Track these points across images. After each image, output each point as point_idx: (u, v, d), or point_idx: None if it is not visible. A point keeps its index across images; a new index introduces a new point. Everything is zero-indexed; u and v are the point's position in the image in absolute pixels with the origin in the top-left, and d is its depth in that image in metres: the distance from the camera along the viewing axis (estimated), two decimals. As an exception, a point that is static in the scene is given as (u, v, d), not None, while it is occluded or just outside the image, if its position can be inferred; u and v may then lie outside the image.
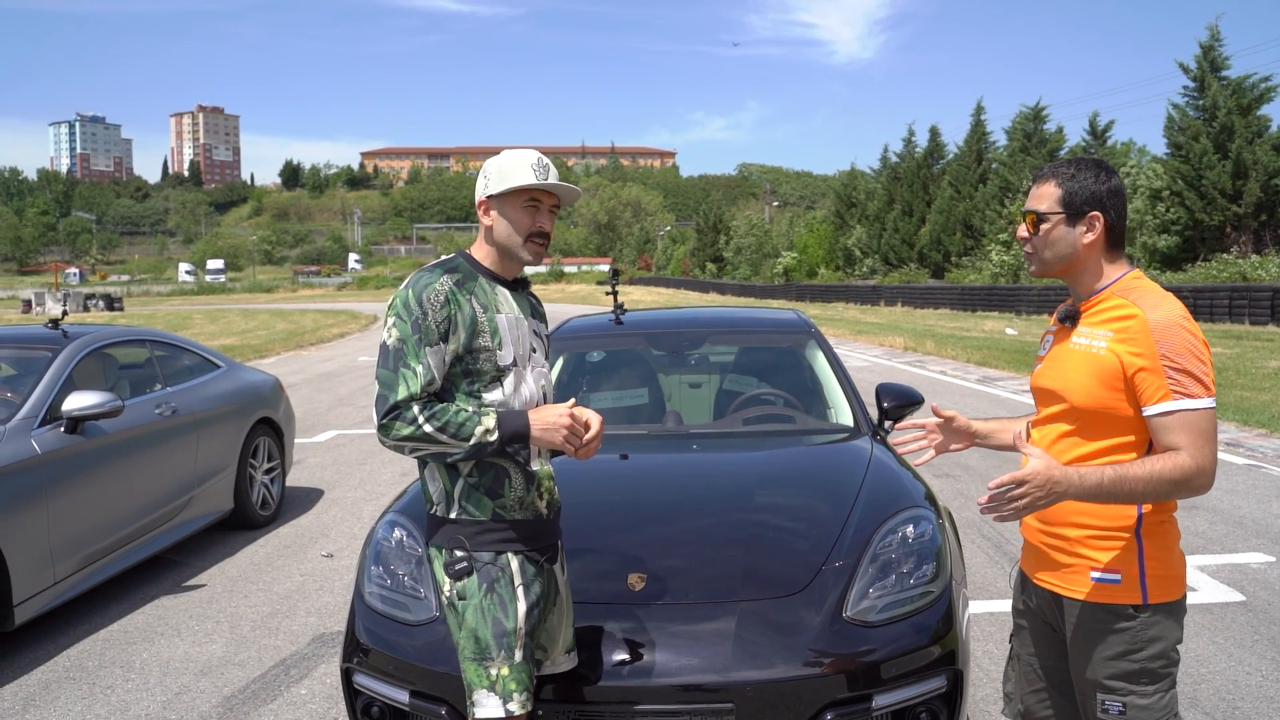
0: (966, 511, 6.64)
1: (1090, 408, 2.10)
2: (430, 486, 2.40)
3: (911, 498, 3.31)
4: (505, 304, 2.39)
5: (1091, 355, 2.10)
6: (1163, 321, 2.02)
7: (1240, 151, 31.67)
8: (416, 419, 2.21)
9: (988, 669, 4.07)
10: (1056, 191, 2.16)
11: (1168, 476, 1.99)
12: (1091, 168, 2.16)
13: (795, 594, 2.80)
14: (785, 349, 4.86)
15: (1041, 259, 2.21)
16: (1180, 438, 2.00)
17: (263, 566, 5.85)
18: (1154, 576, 2.10)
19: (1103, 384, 2.08)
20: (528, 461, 2.37)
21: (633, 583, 2.83)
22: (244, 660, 4.40)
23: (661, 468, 3.76)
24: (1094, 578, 2.13)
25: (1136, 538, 2.11)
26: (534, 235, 2.37)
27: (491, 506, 2.34)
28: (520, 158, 2.35)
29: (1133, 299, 2.09)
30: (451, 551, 2.34)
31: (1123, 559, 2.11)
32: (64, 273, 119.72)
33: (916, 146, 52.77)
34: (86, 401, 4.90)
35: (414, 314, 2.25)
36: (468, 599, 2.32)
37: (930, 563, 2.96)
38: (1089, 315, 2.17)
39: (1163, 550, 2.12)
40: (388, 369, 2.25)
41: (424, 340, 2.24)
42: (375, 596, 3.03)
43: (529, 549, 2.38)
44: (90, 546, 4.96)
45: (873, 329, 25.65)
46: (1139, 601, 2.10)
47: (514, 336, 2.37)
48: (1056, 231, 2.16)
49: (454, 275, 2.33)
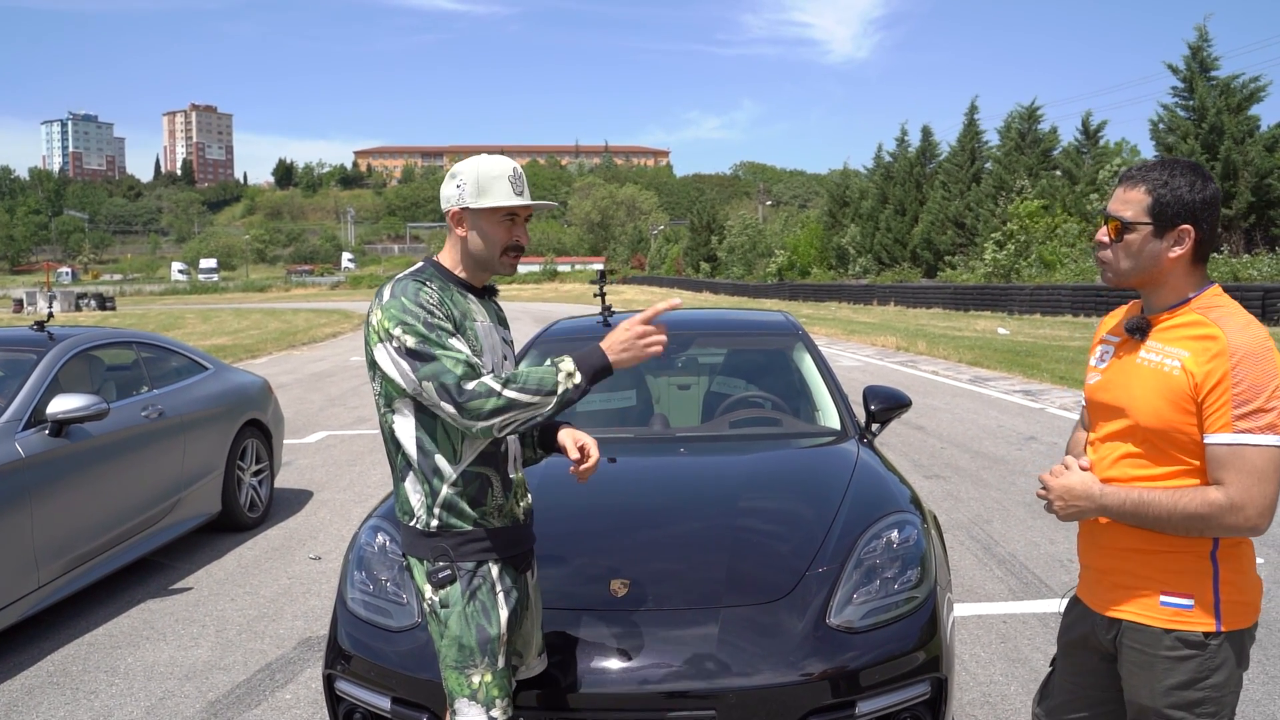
0: (957, 513, 6.64)
1: (1156, 428, 1.97)
2: (411, 498, 2.34)
3: (896, 502, 3.31)
4: (477, 313, 2.36)
5: (1162, 374, 1.96)
6: (1245, 348, 1.88)
7: (1230, 153, 31.74)
8: (493, 389, 2.11)
9: (975, 672, 4.07)
10: (1146, 199, 1.98)
11: (1193, 511, 1.89)
12: (1187, 174, 1.97)
13: (779, 600, 2.79)
14: (772, 351, 4.85)
15: (1119, 269, 2.04)
16: (1229, 474, 1.88)
17: (250, 569, 5.82)
18: (1229, 602, 1.96)
19: (1172, 405, 1.94)
20: (506, 474, 2.36)
21: (615, 589, 2.82)
22: (229, 664, 4.37)
23: (646, 471, 3.75)
24: (1163, 602, 1.99)
25: (1212, 560, 1.96)
26: (510, 249, 2.35)
27: (474, 516, 2.31)
28: (497, 169, 2.30)
29: (1214, 318, 1.95)
30: (435, 560, 2.31)
31: (1195, 582, 1.96)
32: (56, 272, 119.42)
33: (909, 145, 52.84)
34: (71, 404, 4.87)
35: (420, 316, 2.18)
36: (451, 606, 2.29)
37: (914, 568, 2.95)
38: (1162, 330, 2.02)
39: (1238, 574, 1.99)
40: (428, 361, 2.14)
41: (443, 335, 2.16)
42: (358, 602, 3.02)
43: (509, 556, 2.37)
44: (75, 550, 4.94)
45: (865, 328, 25.66)
46: (1212, 628, 1.95)
47: (489, 345, 2.34)
48: (1142, 243, 1.99)
49: (434, 282, 2.29)
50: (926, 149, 51.69)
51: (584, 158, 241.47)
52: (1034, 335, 22.11)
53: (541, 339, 4.92)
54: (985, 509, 6.71)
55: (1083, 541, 2.21)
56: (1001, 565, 5.48)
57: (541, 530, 3.12)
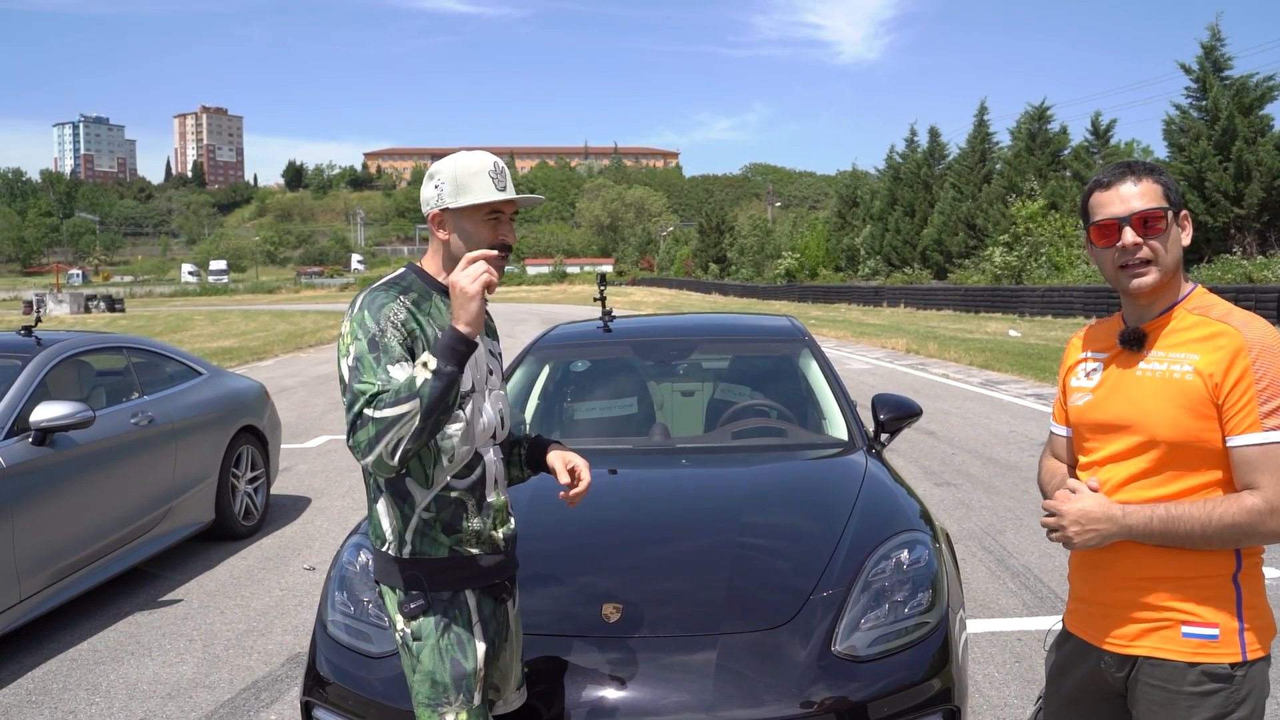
0: (969, 522, 6.46)
1: (1177, 440, 1.83)
2: (383, 523, 2.19)
3: (907, 519, 3.14)
4: None
5: (1173, 381, 1.83)
6: (1260, 341, 1.79)
7: (1242, 153, 31.42)
8: (366, 414, 1.95)
9: (988, 694, 3.89)
10: (1157, 187, 1.88)
11: (1230, 520, 1.76)
12: (1157, 165, 1.94)
13: (781, 626, 2.62)
14: (778, 357, 4.68)
15: (1162, 267, 1.87)
16: (1263, 476, 1.75)
17: (242, 580, 5.68)
18: (1253, 628, 1.84)
19: (1190, 413, 1.81)
20: (483, 497, 2.20)
21: (608, 613, 2.66)
22: (214, 682, 4.22)
23: (644, 485, 3.58)
24: (1185, 633, 1.84)
25: (1234, 584, 1.83)
26: (496, 249, 2.17)
27: (448, 543, 2.15)
28: (476, 164, 2.15)
29: (1217, 316, 1.85)
30: (407, 590, 2.15)
31: (1219, 610, 1.83)
32: (67, 274, 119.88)
33: (918, 147, 52.55)
34: (55, 412, 4.74)
35: (370, 331, 2.03)
36: (424, 639, 2.14)
37: (925, 590, 2.78)
38: (1162, 337, 1.90)
39: (1258, 596, 1.87)
40: (350, 393, 2.03)
41: (384, 356, 2.01)
42: (338, 625, 2.87)
43: (487, 585, 2.21)
44: (60, 561, 4.80)
45: (875, 331, 25.45)
46: (1238, 659, 1.82)
47: (471, 360, 2.14)
48: (1173, 232, 1.88)
49: (409, 295, 2.12)
50: (935, 150, 51.40)
51: (593, 159, 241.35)
52: (1045, 338, 21.86)
53: (539, 345, 4.76)
54: (998, 518, 6.52)
55: (1084, 574, 2.03)
56: (1015, 578, 5.29)
57: (530, 549, 2.96)
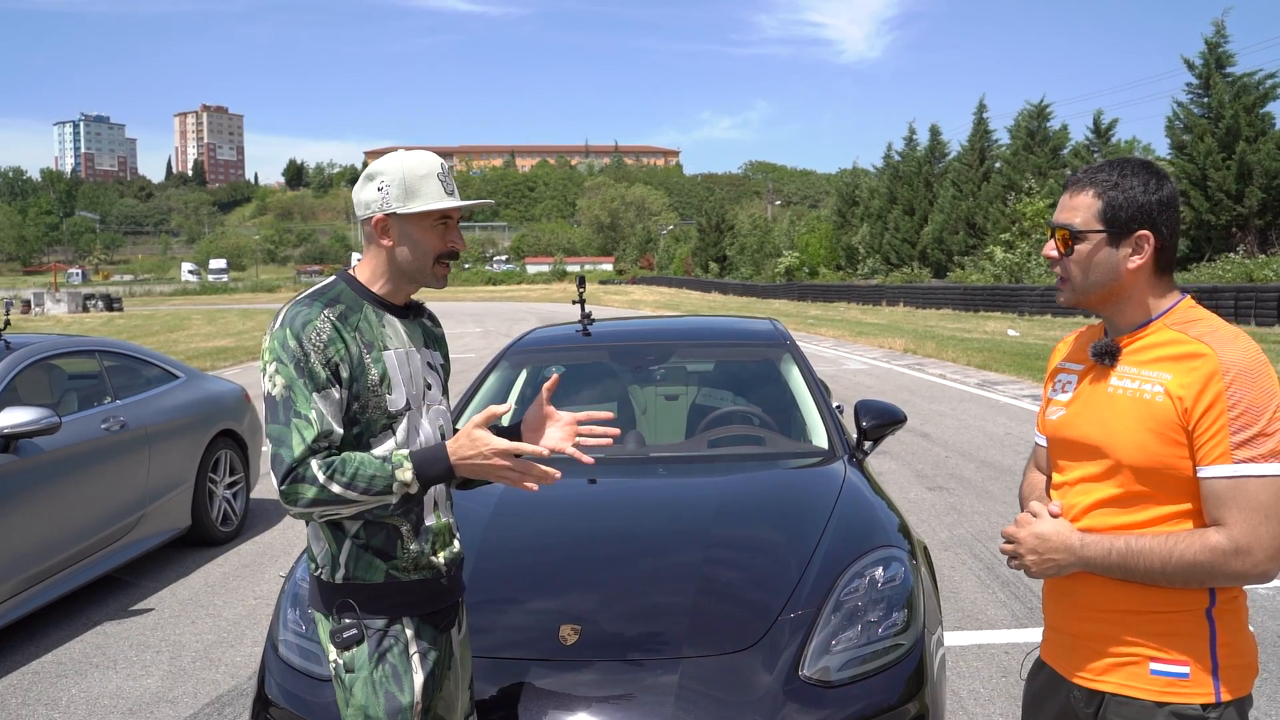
0: (960, 528, 6.34)
1: (1144, 466, 1.71)
2: (314, 546, 2.07)
3: (884, 534, 3.01)
4: (394, 337, 2.06)
5: (1143, 402, 1.71)
6: (1238, 364, 1.64)
7: (1244, 153, 31.26)
8: (318, 478, 1.86)
9: (972, 710, 3.77)
10: (1096, 203, 1.74)
11: (1191, 559, 1.64)
12: (1139, 173, 1.74)
13: (747, 649, 2.50)
14: (758, 362, 4.55)
15: (1075, 286, 1.79)
16: (1230, 513, 1.63)
17: (216, 588, 5.56)
18: (1228, 667, 1.71)
19: (1158, 437, 1.68)
20: (420, 520, 2.07)
21: (565, 635, 2.53)
22: (177, 697, 4.11)
23: (612, 497, 3.45)
24: (1154, 671, 1.72)
25: (1208, 619, 1.71)
26: (444, 256, 2.06)
27: (384, 569, 2.02)
28: (424, 166, 2.01)
29: (1195, 334, 1.71)
30: (340, 617, 2.02)
31: (1191, 647, 1.71)
32: (67, 273, 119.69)
33: (918, 145, 52.41)
34: (18, 418, 4.62)
35: (296, 356, 1.91)
36: (356, 671, 2.00)
37: (900, 610, 2.66)
38: (1135, 352, 1.77)
39: (1236, 634, 1.73)
40: (279, 423, 1.90)
41: (311, 385, 1.90)
42: (289, 646, 2.74)
43: (426, 613, 2.07)
44: (25, 571, 4.68)
45: (873, 330, 25.30)
46: (1211, 699, 1.69)
47: (405, 375, 2.05)
48: (1096, 254, 1.75)
49: (335, 308, 1.98)
50: (935, 148, 51.25)
51: (594, 158, 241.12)
52: (1045, 337, 21.71)
53: (514, 349, 4.64)
54: (990, 524, 6.40)
55: (1052, 601, 1.92)
56: (1005, 588, 5.17)
57: (488, 566, 2.86)
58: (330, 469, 1.87)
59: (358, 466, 1.88)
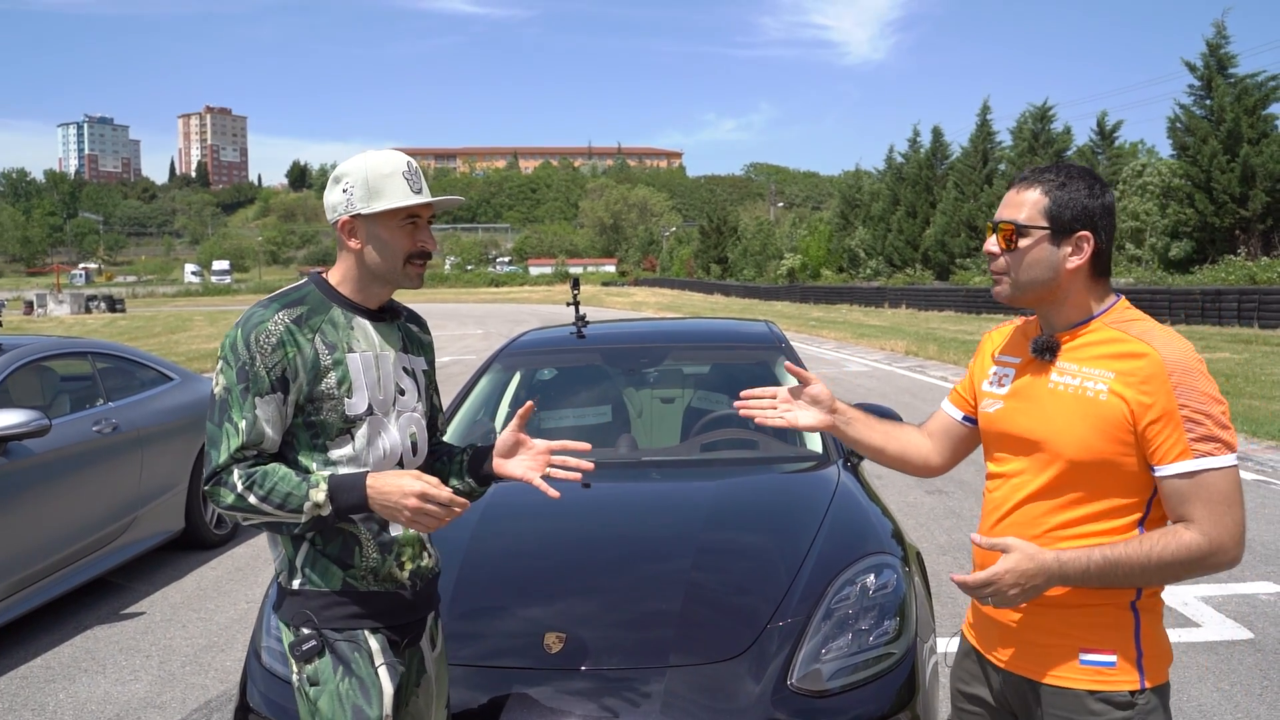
0: (958, 532, 6.29)
1: (1085, 461, 1.74)
2: (272, 551, 2.04)
3: (876, 540, 2.97)
4: (363, 340, 2.00)
5: (1087, 400, 1.74)
6: (1180, 363, 1.68)
7: (1247, 155, 31.17)
8: (236, 486, 1.85)
9: (969, 718, 3.71)
10: (1042, 200, 1.79)
11: (1172, 559, 1.68)
12: (1084, 178, 1.80)
13: (735, 657, 2.45)
14: (752, 365, 4.50)
15: (1015, 282, 1.83)
16: (1196, 508, 1.68)
17: (209, 591, 5.52)
18: (1151, 656, 1.78)
19: (1103, 435, 1.72)
20: (382, 529, 2.00)
21: (549, 643, 2.48)
22: (165, 702, 4.07)
23: (602, 501, 3.40)
24: (1083, 660, 1.78)
25: (1133, 612, 1.78)
26: (415, 256, 2.00)
27: (341, 576, 1.96)
28: (389, 165, 1.97)
29: (1136, 333, 1.75)
30: (298, 629, 1.96)
31: (1117, 637, 1.77)
32: (70, 274, 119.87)
33: (921, 147, 52.33)
34: (7, 421, 4.58)
35: (241, 359, 1.89)
36: (321, 684, 1.93)
37: (892, 618, 2.61)
38: (1075, 349, 1.81)
39: (1156, 627, 1.81)
40: (213, 423, 1.90)
41: (252, 389, 1.88)
42: (271, 653, 2.69)
43: (386, 626, 2.00)
44: (14, 575, 4.64)
45: (875, 332, 25.25)
46: (1137, 686, 1.76)
47: (371, 380, 1.98)
48: (1038, 250, 1.79)
49: (294, 310, 1.94)
50: (938, 150, 51.18)
51: (597, 159, 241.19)
52: (1046, 339, 21.62)
53: (507, 352, 4.60)
54: (989, 528, 6.34)
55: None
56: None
57: (473, 572, 2.81)
58: (249, 480, 1.85)
59: (276, 481, 1.85)
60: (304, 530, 1.90)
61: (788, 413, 2.07)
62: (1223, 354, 17.30)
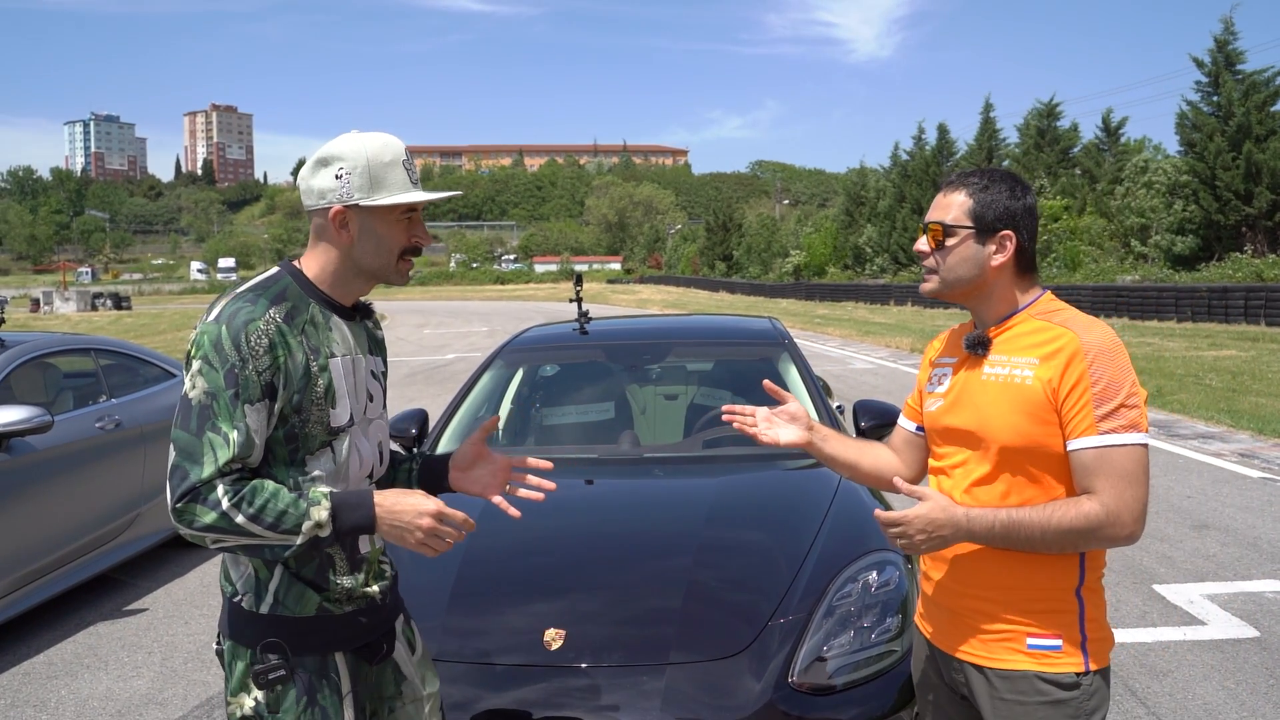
0: (962, 530, 6.27)
1: (1017, 446, 1.84)
2: (233, 569, 1.83)
3: (879, 538, 2.93)
4: (340, 342, 1.84)
5: (1013, 386, 1.85)
6: (1097, 345, 1.80)
7: (1250, 153, 31.02)
8: (221, 503, 1.63)
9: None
10: (967, 202, 1.90)
11: (1068, 525, 1.76)
12: (1005, 181, 1.92)
13: (736, 655, 2.44)
14: (756, 362, 4.49)
15: (943, 278, 1.94)
16: (1099, 481, 1.76)
17: (211, 588, 5.52)
18: (1094, 639, 1.87)
19: (1031, 418, 1.82)
20: (354, 548, 1.87)
21: (549, 640, 2.47)
22: (167, 699, 4.06)
23: (603, 498, 3.39)
24: (1030, 645, 1.86)
25: (1077, 597, 1.86)
26: (408, 252, 1.85)
27: (317, 601, 1.80)
28: (388, 152, 1.80)
29: (1059, 321, 1.87)
30: (264, 655, 1.77)
31: (1062, 621, 1.86)
32: (76, 272, 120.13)
33: (926, 144, 52.20)
34: (9, 417, 4.58)
35: (229, 360, 1.67)
36: (281, 714, 1.77)
37: (895, 615, 2.60)
38: (1005, 341, 1.91)
39: (1099, 610, 1.90)
40: (189, 432, 1.66)
41: (242, 395, 1.67)
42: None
43: (362, 643, 1.88)
44: (17, 570, 4.64)
45: (880, 329, 25.21)
46: (1081, 669, 1.85)
47: (350, 387, 1.84)
48: (964, 248, 1.90)
49: (281, 306, 1.76)
50: (943, 147, 51.04)
51: (602, 157, 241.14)
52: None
53: (509, 348, 4.59)
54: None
55: (933, 578, 2.03)
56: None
57: (473, 572, 2.80)
58: (238, 495, 1.65)
59: (269, 498, 1.67)
60: (292, 555, 1.71)
61: (768, 430, 2.17)
62: (1229, 351, 17.24)
